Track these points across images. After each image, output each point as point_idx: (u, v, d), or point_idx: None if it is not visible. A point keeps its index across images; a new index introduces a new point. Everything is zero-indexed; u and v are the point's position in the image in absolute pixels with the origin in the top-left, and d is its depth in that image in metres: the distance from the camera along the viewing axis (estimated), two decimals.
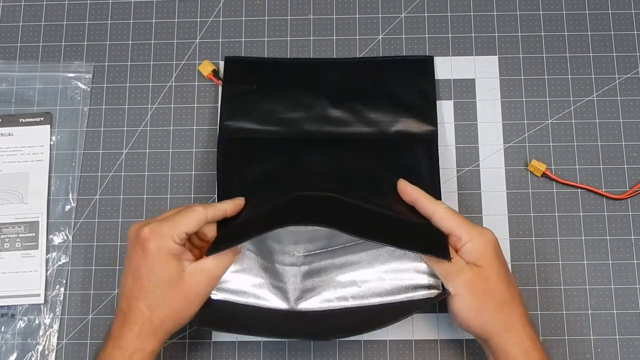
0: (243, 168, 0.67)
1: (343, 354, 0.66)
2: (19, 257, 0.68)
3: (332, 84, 0.71)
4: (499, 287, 0.58)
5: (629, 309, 0.66)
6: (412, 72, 0.72)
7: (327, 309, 0.62)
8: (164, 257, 0.57)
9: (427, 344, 0.66)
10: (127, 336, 0.57)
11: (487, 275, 0.58)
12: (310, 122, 0.70)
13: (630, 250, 0.68)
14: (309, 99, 0.70)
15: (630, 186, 0.69)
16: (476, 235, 0.59)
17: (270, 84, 0.71)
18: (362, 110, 0.70)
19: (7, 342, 0.66)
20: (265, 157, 0.68)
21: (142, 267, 0.57)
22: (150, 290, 0.57)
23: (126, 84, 0.73)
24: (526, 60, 0.72)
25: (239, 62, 0.72)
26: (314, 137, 0.69)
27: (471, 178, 0.70)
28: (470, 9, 0.74)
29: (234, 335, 0.66)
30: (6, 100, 0.72)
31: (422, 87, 0.71)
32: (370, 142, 0.69)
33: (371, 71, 0.72)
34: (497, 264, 0.59)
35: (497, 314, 0.58)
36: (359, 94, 0.71)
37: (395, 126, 0.69)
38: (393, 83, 0.71)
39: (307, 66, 0.72)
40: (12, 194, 0.69)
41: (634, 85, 0.72)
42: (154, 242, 0.57)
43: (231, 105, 0.70)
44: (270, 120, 0.70)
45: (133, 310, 0.57)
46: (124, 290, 0.58)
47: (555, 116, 0.71)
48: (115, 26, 0.74)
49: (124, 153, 0.71)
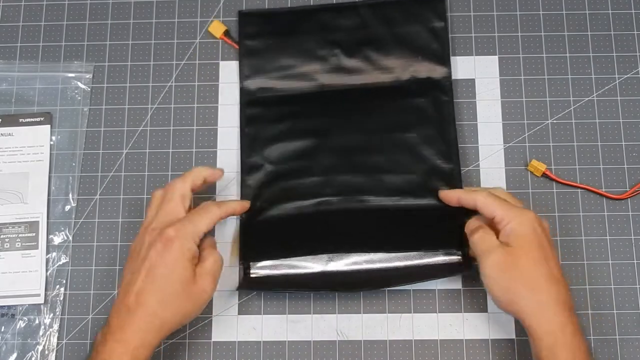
0: (265, 130, 0.70)
1: (343, 353, 0.66)
2: (19, 257, 0.68)
3: (344, 31, 0.72)
4: (529, 266, 0.58)
5: (629, 309, 0.66)
6: (423, 12, 0.72)
7: (355, 269, 0.65)
8: (185, 258, 0.59)
9: (427, 344, 0.66)
10: (131, 330, 0.57)
11: (517, 255, 0.59)
12: (326, 74, 0.71)
13: (630, 250, 0.68)
14: (323, 50, 0.72)
15: (630, 186, 0.69)
16: (514, 216, 0.60)
17: (284, 36, 0.72)
18: (376, 57, 0.71)
19: (7, 342, 0.66)
20: (285, 117, 0.70)
21: (160, 264, 0.58)
22: (164, 287, 0.58)
23: (126, 84, 0.73)
24: (526, 60, 0.72)
25: (252, 17, 0.73)
26: (331, 89, 0.71)
27: (471, 178, 0.70)
28: (470, 9, 0.74)
29: (234, 335, 0.66)
30: (6, 100, 0.72)
31: (434, 27, 0.72)
32: (386, 91, 0.70)
33: (383, 14, 0.72)
34: (529, 244, 0.59)
35: (527, 293, 0.58)
36: (371, 39, 0.72)
37: (410, 71, 0.71)
38: (404, 25, 0.72)
39: (319, 13, 0.73)
40: (12, 194, 0.69)
41: (634, 85, 0.72)
42: (178, 242, 0.59)
43: (248, 61, 0.72)
44: (287, 75, 0.71)
45: (142, 305, 0.58)
46: (132, 287, 0.58)
47: (555, 116, 0.71)
48: (115, 26, 0.74)
49: (124, 153, 0.71)
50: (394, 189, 0.68)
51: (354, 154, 0.69)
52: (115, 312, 0.59)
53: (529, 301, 0.58)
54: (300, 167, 0.69)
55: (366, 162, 0.69)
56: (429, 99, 0.70)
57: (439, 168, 0.68)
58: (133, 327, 0.57)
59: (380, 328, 0.66)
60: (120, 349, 0.57)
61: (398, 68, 0.71)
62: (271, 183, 0.69)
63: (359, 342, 0.66)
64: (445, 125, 0.69)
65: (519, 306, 0.58)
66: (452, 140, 0.69)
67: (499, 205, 0.61)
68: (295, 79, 0.71)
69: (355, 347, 0.66)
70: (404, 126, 0.69)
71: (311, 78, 0.71)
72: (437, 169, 0.68)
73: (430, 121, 0.69)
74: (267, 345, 0.66)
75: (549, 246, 0.60)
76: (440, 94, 0.70)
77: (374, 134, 0.69)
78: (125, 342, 0.57)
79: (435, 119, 0.69)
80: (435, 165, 0.68)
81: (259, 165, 0.69)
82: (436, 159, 0.68)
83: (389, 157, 0.69)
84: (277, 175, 0.69)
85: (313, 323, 0.66)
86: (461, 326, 0.66)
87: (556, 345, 0.57)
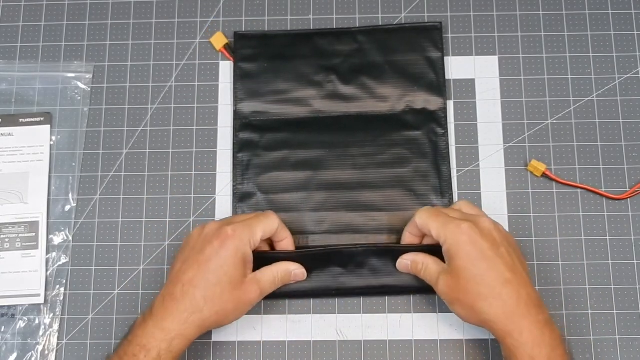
0: (259, 157, 0.70)
1: (343, 353, 0.66)
2: (19, 257, 0.68)
3: (341, 57, 0.72)
4: (474, 279, 0.58)
5: (629, 309, 0.66)
6: (421, 40, 0.72)
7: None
8: (238, 259, 0.60)
9: (427, 344, 0.66)
10: (174, 319, 0.58)
11: (459, 273, 0.59)
12: (322, 100, 0.71)
13: (630, 250, 0.68)
14: (319, 76, 0.71)
15: (630, 186, 0.69)
16: (447, 234, 0.60)
17: (280, 59, 0.72)
18: (372, 85, 0.71)
19: (7, 342, 0.66)
20: (279, 145, 0.70)
21: (214, 260, 0.59)
22: (213, 284, 0.59)
23: (126, 84, 0.73)
24: (526, 60, 0.72)
25: (248, 38, 0.73)
26: (326, 116, 0.70)
27: (471, 178, 0.70)
28: (470, 9, 0.74)
29: (234, 335, 0.66)
30: (6, 100, 0.72)
31: (430, 57, 0.71)
32: (381, 120, 0.70)
33: (380, 41, 0.72)
34: (467, 257, 0.59)
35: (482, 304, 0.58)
36: (368, 66, 0.71)
37: (405, 100, 0.70)
38: (401, 53, 0.72)
39: (316, 38, 0.72)
40: (12, 194, 0.69)
41: (634, 85, 0.72)
42: (234, 242, 0.59)
43: (243, 85, 0.71)
44: (282, 100, 0.71)
45: (188, 297, 0.58)
46: (181, 276, 0.59)
47: (555, 116, 0.71)
48: (115, 26, 0.74)
49: (124, 153, 0.71)
50: (386, 227, 0.68)
51: (347, 190, 0.68)
52: (160, 298, 0.59)
53: (486, 310, 0.58)
54: (292, 200, 0.68)
55: (359, 198, 0.68)
56: (424, 132, 0.70)
57: (433, 205, 0.68)
58: (175, 316, 0.58)
59: (380, 328, 0.66)
60: (160, 336, 0.57)
61: (394, 97, 0.70)
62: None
63: (359, 342, 0.66)
64: (439, 160, 0.69)
65: (480, 318, 0.59)
66: (446, 176, 0.69)
67: (434, 222, 0.61)
68: (290, 104, 0.71)
69: (355, 347, 0.66)
70: (399, 160, 0.69)
71: (306, 103, 0.71)
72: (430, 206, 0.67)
73: (425, 156, 0.69)
74: (267, 345, 0.66)
75: (492, 250, 0.59)
76: (436, 126, 0.70)
77: (368, 169, 0.69)
78: (166, 329, 0.57)
79: (430, 153, 0.69)
80: (429, 201, 0.68)
81: (251, 194, 0.69)
82: (430, 195, 0.68)
83: (383, 193, 0.68)
84: (269, 206, 0.68)
85: (313, 323, 0.66)
86: (461, 326, 0.66)
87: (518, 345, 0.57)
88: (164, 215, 0.69)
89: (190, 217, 0.69)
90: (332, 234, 0.68)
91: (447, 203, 0.68)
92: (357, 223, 0.68)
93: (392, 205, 0.68)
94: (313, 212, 0.68)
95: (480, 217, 0.61)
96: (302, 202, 0.68)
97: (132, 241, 0.69)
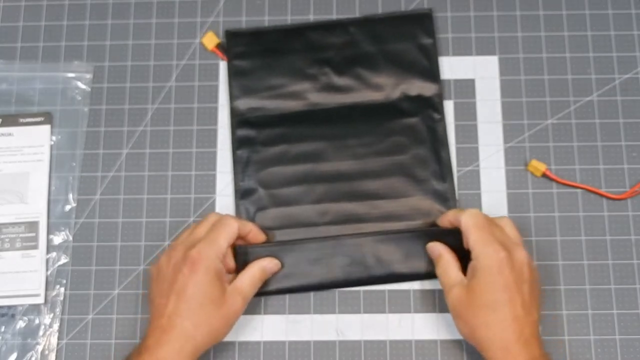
0: (258, 153, 0.70)
1: (343, 353, 0.66)
2: (19, 257, 0.68)
3: (334, 49, 0.72)
4: (488, 306, 0.58)
5: (629, 309, 0.66)
6: (412, 29, 0.72)
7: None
8: (212, 278, 0.60)
9: (427, 344, 0.66)
10: (168, 349, 0.58)
11: (476, 295, 0.59)
12: (317, 93, 0.71)
13: (630, 250, 0.68)
14: (313, 69, 0.71)
15: (630, 186, 0.69)
16: (482, 254, 0.60)
17: (273, 55, 0.72)
18: (366, 75, 0.71)
19: (7, 342, 0.66)
20: (278, 140, 0.70)
21: (190, 287, 0.59)
22: (196, 309, 0.59)
23: (126, 84, 0.73)
24: (526, 60, 0.72)
25: (240, 36, 0.73)
26: (322, 108, 0.70)
27: (471, 178, 0.70)
28: (470, 9, 0.74)
29: (234, 335, 0.66)
30: (6, 100, 0.72)
31: (423, 44, 0.72)
32: (377, 109, 0.70)
33: (372, 31, 0.72)
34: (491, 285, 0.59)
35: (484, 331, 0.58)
36: (361, 57, 0.72)
37: (400, 88, 0.71)
38: (394, 42, 0.72)
39: (308, 31, 0.73)
40: (12, 194, 0.69)
41: (634, 85, 0.72)
42: (203, 263, 0.59)
43: (238, 82, 0.71)
44: (278, 95, 0.71)
45: (176, 328, 0.58)
46: (163, 310, 0.59)
47: (555, 116, 0.71)
48: (115, 26, 0.74)
49: (124, 153, 0.71)
50: (389, 214, 0.68)
51: (348, 180, 0.69)
52: (150, 332, 0.59)
53: (488, 337, 0.58)
54: (294, 194, 0.69)
55: (361, 188, 0.69)
56: (420, 118, 0.70)
57: (434, 189, 0.68)
58: (169, 346, 0.58)
59: (380, 328, 0.66)
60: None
61: (388, 86, 0.71)
62: (265, 209, 0.68)
63: (359, 342, 0.66)
64: (438, 145, 0.69)
65: (477, 340, 0.59)
66: (445, 160, 0.69)
67: (475, 234, 0.61)
68: (285, 98, 0.71)
69: (355, 347, 0.66)
70: (397, 148, 0.69)
71: (302, 97, 0.71)
72: (431, 191, 0.68)
73: (423, 141, 0.69)
74: (267, 345, 0.66)
75: (516, 285, 0.59)
76: (432, 112, 0.70)
77: (367, 158, 0.69)
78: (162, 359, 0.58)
79: (428, 139, 0.69)
80: (430, 186, 0.68)
81: (253, 190, 0.69)
82: (431, 180, 0.68)
83: (384, 181, 0.69)
84: (271, 201, 0.68)
85: (313, 323, 0.66)
86: None
87: None
88: (164, 215, 0.69)
89: (190, 217, 0.69)
90: (336, 225, 0.68)
91: (448, 187, 0.68)
92: (360, 212, 0.68)
93: (394, 192, 0.68)
94: (315, 204, 0.68)
95: (517, 247, 0.60)
96: (304, 195, 0.69)
97: (132, 241, 0.69)
